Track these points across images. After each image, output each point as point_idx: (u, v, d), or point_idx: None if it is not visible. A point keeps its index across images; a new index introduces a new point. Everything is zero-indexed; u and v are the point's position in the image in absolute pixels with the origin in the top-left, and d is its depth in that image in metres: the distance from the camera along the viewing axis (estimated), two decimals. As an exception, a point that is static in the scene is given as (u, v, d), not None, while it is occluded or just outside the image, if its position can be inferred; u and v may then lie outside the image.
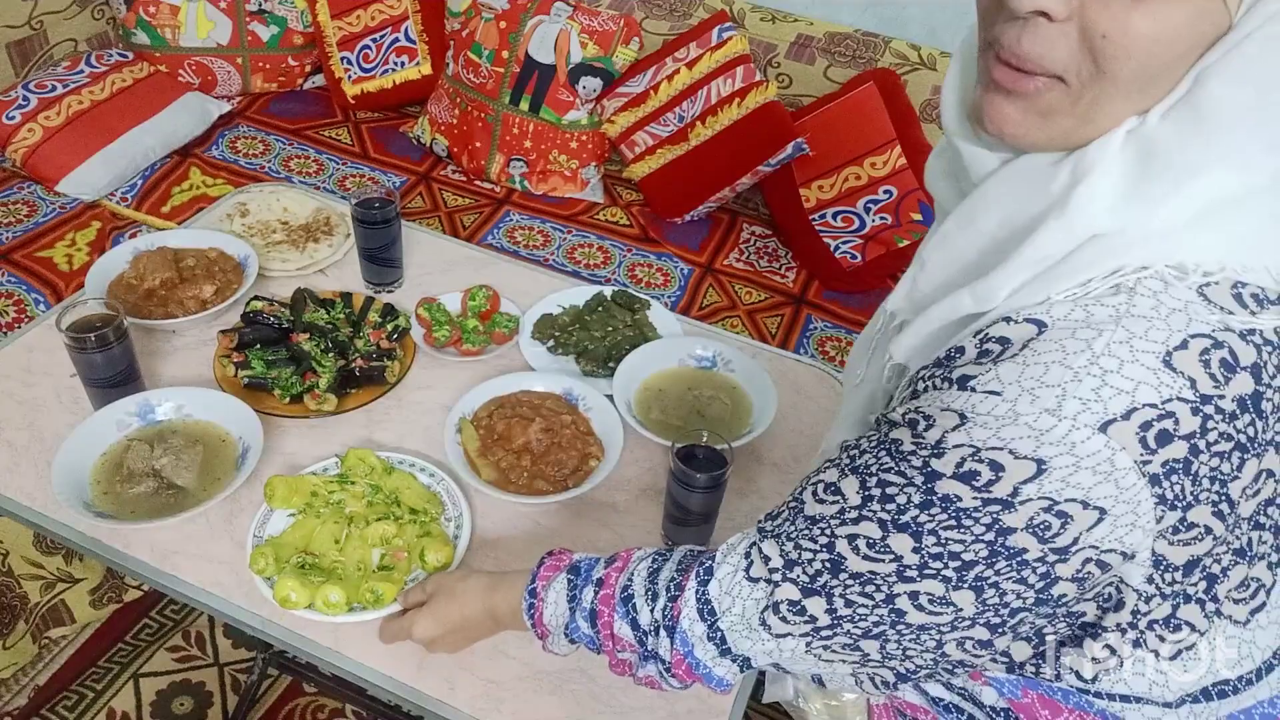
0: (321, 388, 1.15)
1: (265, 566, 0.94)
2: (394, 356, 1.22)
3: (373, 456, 1.06)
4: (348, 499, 1.02)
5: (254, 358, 1.18)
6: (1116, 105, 0.55)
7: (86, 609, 1.71)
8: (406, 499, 1.03)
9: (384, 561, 0.97)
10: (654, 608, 0.72)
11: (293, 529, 0.99)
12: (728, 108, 2.02)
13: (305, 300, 1.27)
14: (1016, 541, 0.55)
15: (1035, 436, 0.53)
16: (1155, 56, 0.52)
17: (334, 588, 0.92)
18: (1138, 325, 0.53)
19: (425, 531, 1.00)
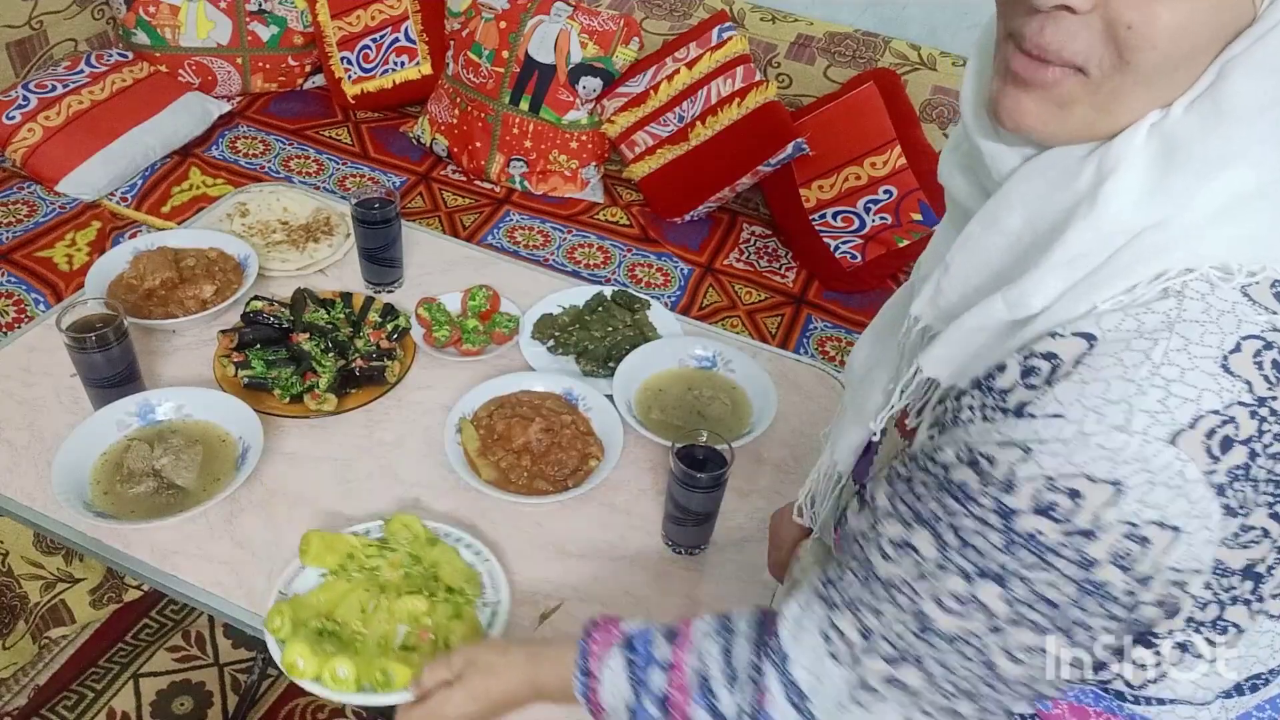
0: (321, 388, 1.15)
1: (280, 627, 0.88)
2: (394, 356, 1.22)
3: (418, 524, 0.99)
4: (384, 566, 0.95)
5: (254, 358, 1.17)
6: (1137, 97, 0.54)
7: (86, 609, 1.71)
8: (445, 575, 0.95)
9: (408, 640, 0.90)
10: (735, 694, 0.66)
11: (321, 589, 0.93)
12: (728, 108, 2.02)
13: (305, 300, 1.27)
14: (1101, 575, 0.53)
15: (1109, 456, 0.51)
16: (1178, 47, 0.51)
17: (345, 662, 0.85)
18: (1192, 331, 0.52)
19: (457, 613, 0.92)
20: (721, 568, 1.04)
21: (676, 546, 1.05)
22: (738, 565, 1.04)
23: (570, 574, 1.01)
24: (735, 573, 1.04)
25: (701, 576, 1.03)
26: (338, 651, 0.87)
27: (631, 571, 1.03)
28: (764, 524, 1.09)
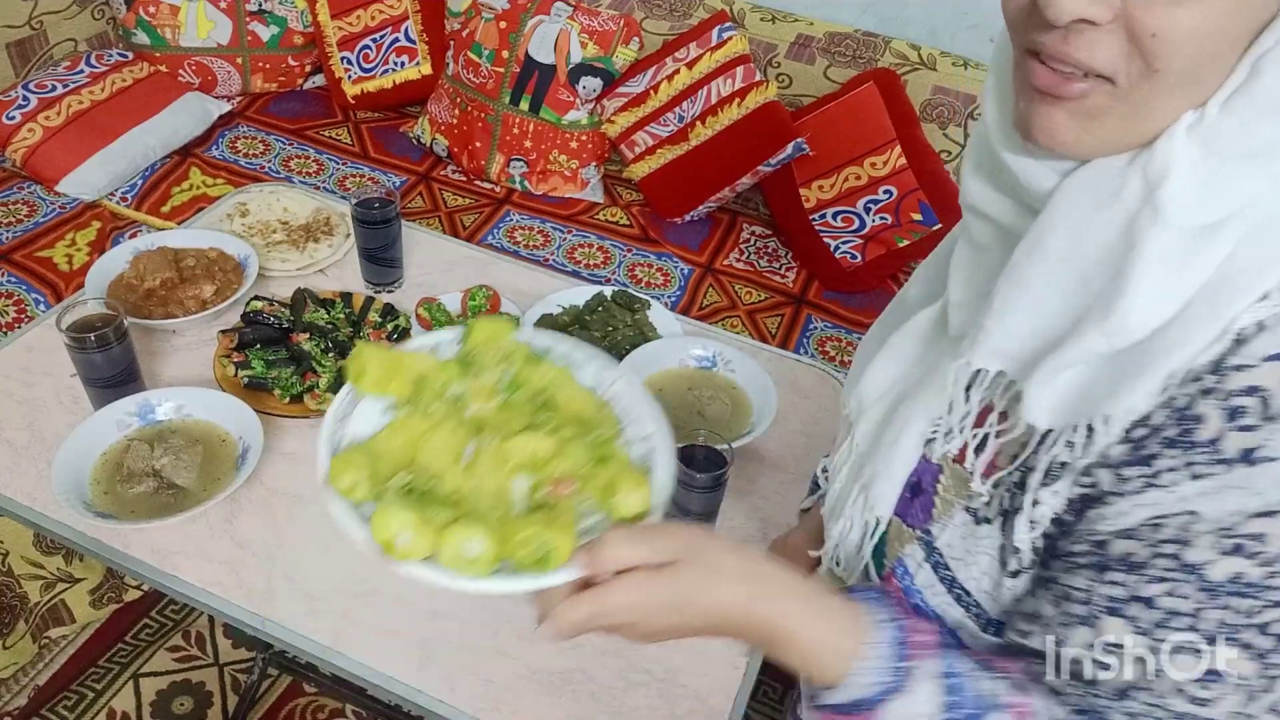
0: (322, 388, 1.15)
1: (355, 485, 0.59)
2: None
3: (509, 334, 0.71)
4: (471, 394, 0.67)
5: (254, 358, 1.18)
6: (1168, 102, 0.52)
7: (86, 609, 1.71)
8: (564, 404, 0.68)
9: (538, 498, 0.62)
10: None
11: (391, 430, 0.65)
12: (728, 108, 2.02)
13: (305, 300, 1.27)
14: None
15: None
16: (1204, 49, 0.50)
17: (474, 530, 0.57)
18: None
19: (602, 454, 0.64)
20: (721, 568, 1.04)
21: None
22: (738, 565, 1.04)
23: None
24: (735, 573, 1.03)
25: (701, 576, 1.03)
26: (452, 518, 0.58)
27: (631, 571, 1.02)
28: (764, 524, 1.09)
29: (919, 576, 0.67)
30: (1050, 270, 0.57)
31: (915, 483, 0.69)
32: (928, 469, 0.68)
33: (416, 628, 0.94)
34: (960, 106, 2.02)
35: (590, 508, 0.62)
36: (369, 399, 0.67)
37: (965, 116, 2.02)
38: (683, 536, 0.58)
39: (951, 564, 0.65)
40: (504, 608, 0.96)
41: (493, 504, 0.61)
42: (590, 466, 0.63)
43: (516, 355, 0.70)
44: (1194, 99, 0.52)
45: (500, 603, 0.96)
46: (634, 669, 0.92)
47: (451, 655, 0.92)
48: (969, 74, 2.00)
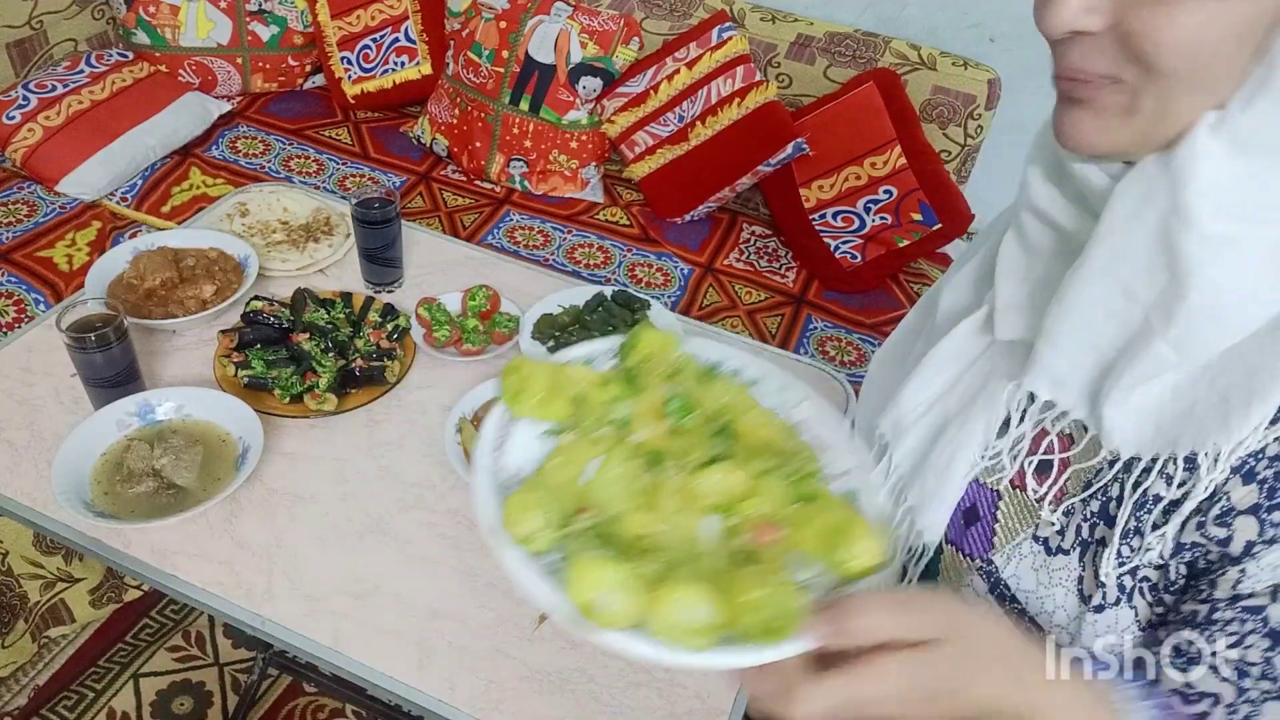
0: (322, 388, 1.15)
1: (535, 532, 0.49)
2: (394, 356, 1.22)
3: (676, 345, 0.62)
4: (639, 416, 0.57)
5: (254, 357, 1.18)
6: (1185, 100, 0.51)
7: (86, 609, 1.71)
8: (748, 431, 0.57)
9: (737, 547, 0.52)
10: None
11: (560, 461, 0.55)
12: (728, 108, 2.02)
13: (305, 300, 1.27)
14: None
15: None
16: (1204, 50, 0.49)
17: (695, 592, 0.46)
18: None
19: (805, 492, 0.54)
20: (721, 568, 1.04)
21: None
22: (738, 565, 1.04)
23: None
24: (735, 573, 1.03)
25: (701, 576, 1.03)
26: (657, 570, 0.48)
27: (631, 571, 1.02)
28: (764, 524, 1.09)
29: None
30: (1094, 283, 0.55)
31: (970, 508, 0.65)
32: (983, 495, 0.65)
33: (416, 628, 0.94)
34: (960, 106, 2.02)
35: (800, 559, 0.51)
36: (525, 422, 0.56)
37: (965, 116, 2.02)
38: (942, 608, 0.49)
39: (1021, 596, 0.61)
40: (504, 608, 0.96)
41: (687, 553, 0.50)
42: (795, 508, 0.53)
43: (686, 371, 0.61)
44: (1214, 97, 0.50)
45: (500, 603, 0.96)
46: (634, 669, 0.92)
47: (451, 655, 0.91)
48: (969, 74, 2.00)
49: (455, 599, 0.96)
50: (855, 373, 1.78)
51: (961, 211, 1.94)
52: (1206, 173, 0.50)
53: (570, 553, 0.48)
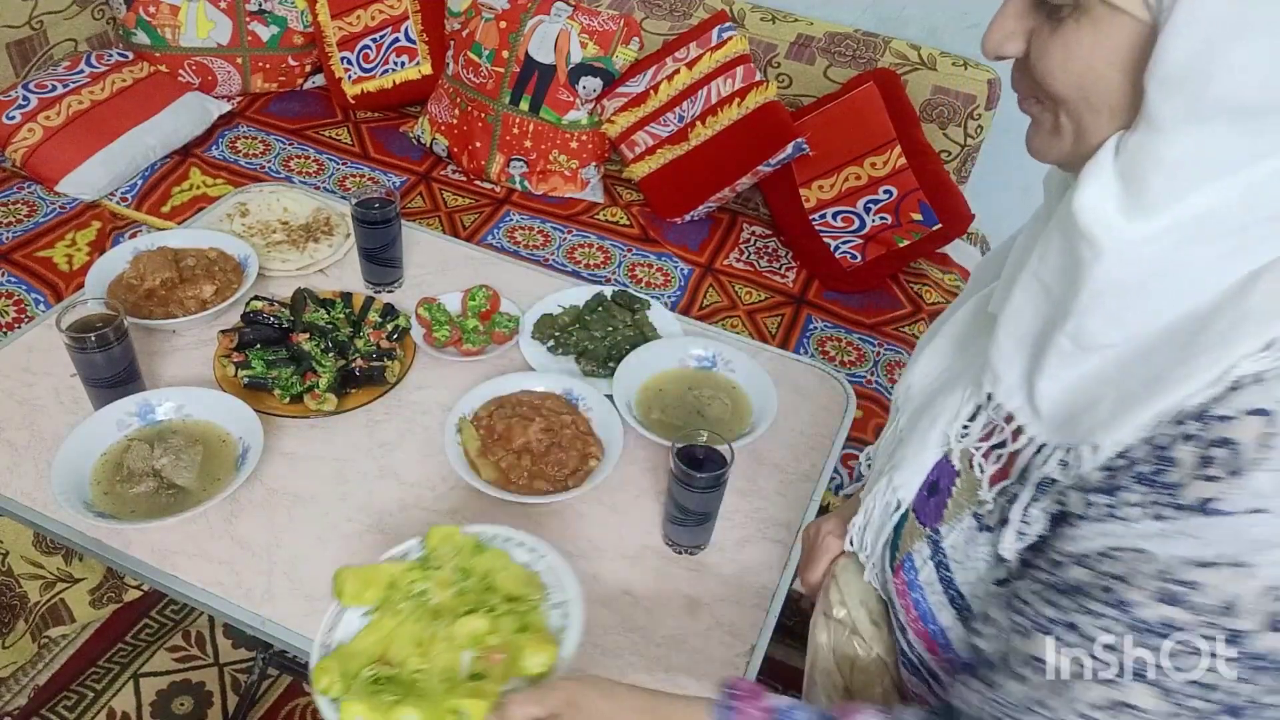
0: (322, 388, 1.15)
1: (330, 685, 0.75)
2: (394, 356, 1.22)
3: (458, 534, 0.87)
4: (433, 588, 0.83)
5: (254, 358, 1.18)
6: (1092, 122, 0.55)
7: (86, 609, 1.71)
8: (501, 583, 0.83)
9: (475, 667, 0.77)
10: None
11: (366, 632, 0.80)
12: (728, 108, 2.02)
13: (305, 300, 1.27)
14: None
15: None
16: (1089, 78, 0.53)
17: (411, 710, 0.72)
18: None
19: (523, 624, 0.80)
20: (721, 568, 1.04)
21: (676, 546, 1.05)
22: (738, 565, 1.04)
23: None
24: (735, 573, 1.04)
25: (701, 576, 1.03)
26: (399, 698, 0.74)
27: (631, 571, 1.03)
28: (764, 524, 1.09)
29: (923, 573, 0.70)
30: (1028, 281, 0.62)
31: (934, 482, 0.71)
32: (947, 470, 0.70)
33: (416, 628, 0.94)
34: (960, 106, 2.02)
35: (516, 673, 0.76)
36: (352, 609, 0.82)
37: (965, 116, 2.02)
38: (564, 691, 0.70)
39: (952, 565, 0.67)
40: (504, 608, 0.96)
41: (445, 677, 0.76)
42: (514, 635, 0.78)
43: (466, 548, 0.86)
44: (1117, 120, 0.54)
45: (500, 603, 0.97)
46: (633, 669, 0.93)
47: (451, 655, 0.91)
48: (969, 74, 2.00)
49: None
50: (855, 373, 1.78)
51: (961, 211, 1.94)
52: (1094, 189, 0.54)
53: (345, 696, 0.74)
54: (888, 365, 1.81)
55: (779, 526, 1.09)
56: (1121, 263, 0.54)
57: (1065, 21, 0.53)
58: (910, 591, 0.71)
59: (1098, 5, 0.52)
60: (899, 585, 0.72)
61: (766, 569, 1.04)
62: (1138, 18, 0.50)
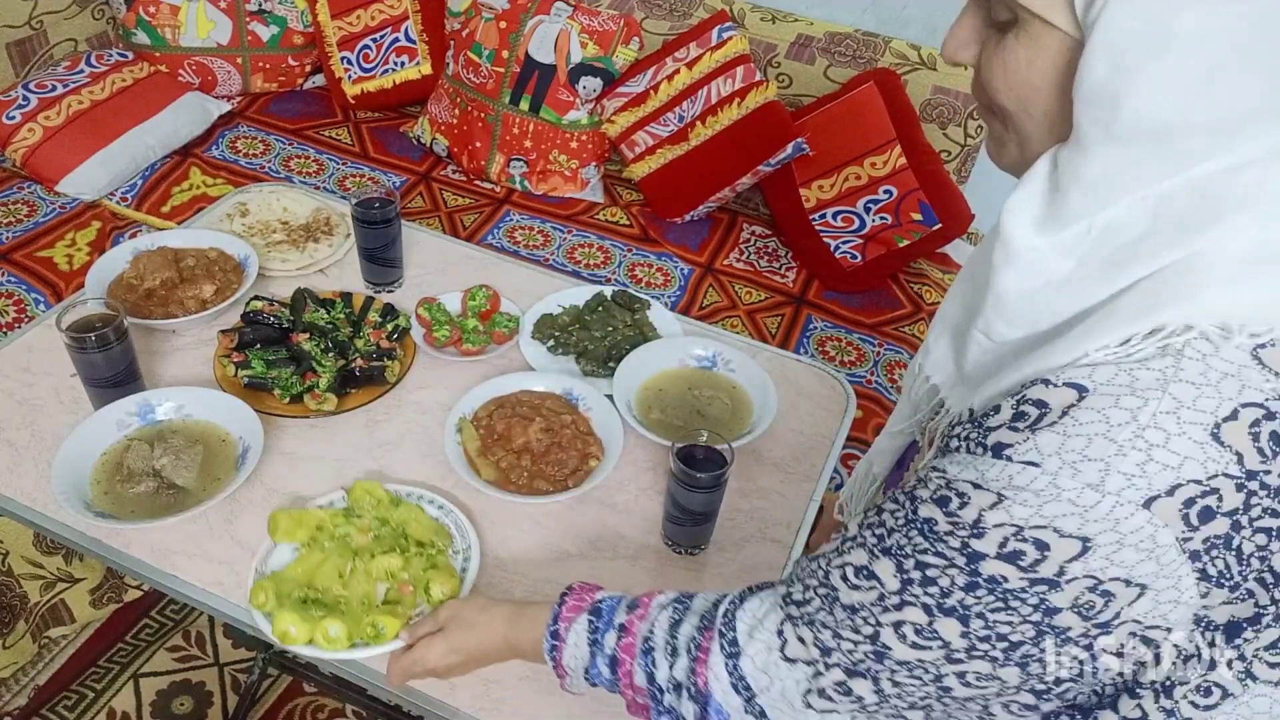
0: (321, 388, 1.15)
1: (265, 601, 0.91)
2: (394, 356, 1.22)
3: (380, 489, 1.03)
4: (353, 533, 0.99)
5: (254, 358, 1.17)
6: (1033, 134, 0.59)
7: (86, 609, 1.71)
8: (414, 532, 1.00)
9: (389, 596, 0.94)
10: (673, 665, 0.71)
11: (296, 563, 0.96)
12: (728, 108, 2.02)
13: (305, 300, 1.27)
14: (1062, 621, 0.54)
15: (1079, 514, 0.51)
16: (1025, 93, 0.57)
17: (335, 622, 0.89)
18: (1186, 393, 0.51)
19: (432, 564, 0.97)
20: (721, 568, 1.04)
21: (676, 546, 1.05)
22: (738, 565, 1.04)
23: (570, 574, 1.01)
24: (735, 573, 1.04)
25: (701, 576, 1.03)
26: (325, 615, 0.90)
27: (631, 571, 1.03)
28: (764, 524, 1.09)
29: None
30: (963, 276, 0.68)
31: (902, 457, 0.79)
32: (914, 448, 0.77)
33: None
34: (960, 106, 2.02)
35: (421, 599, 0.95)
36: (283, 544, 0.99)
37: (965, 116, 2.02)
38: (450, 608, 0.88)
39: None
40: (504, 608, 0.96)
41: (361, 603, 0.93)
42: (423, 572, 0.96)
43: (385, 501, 1.03)
44: (1055, 134, 0.57)
45: (500, 603, 0.97)
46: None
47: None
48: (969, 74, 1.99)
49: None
50: (855, 373, 1.78)
51: (961, 211, 1.94)
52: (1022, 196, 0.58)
53: (278, 610, 0.90)
54: (888, 365, 1.81)
55: (779, 526, 1.09)
56: (1025, 272, 0.59)
57: (1008, 36, 0.56)
58: None
59: (1035, 21, 0.54)
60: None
61: (766, 569, 1.04)
62: (1069, 34, 0.53)
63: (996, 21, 0.57)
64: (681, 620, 0.73)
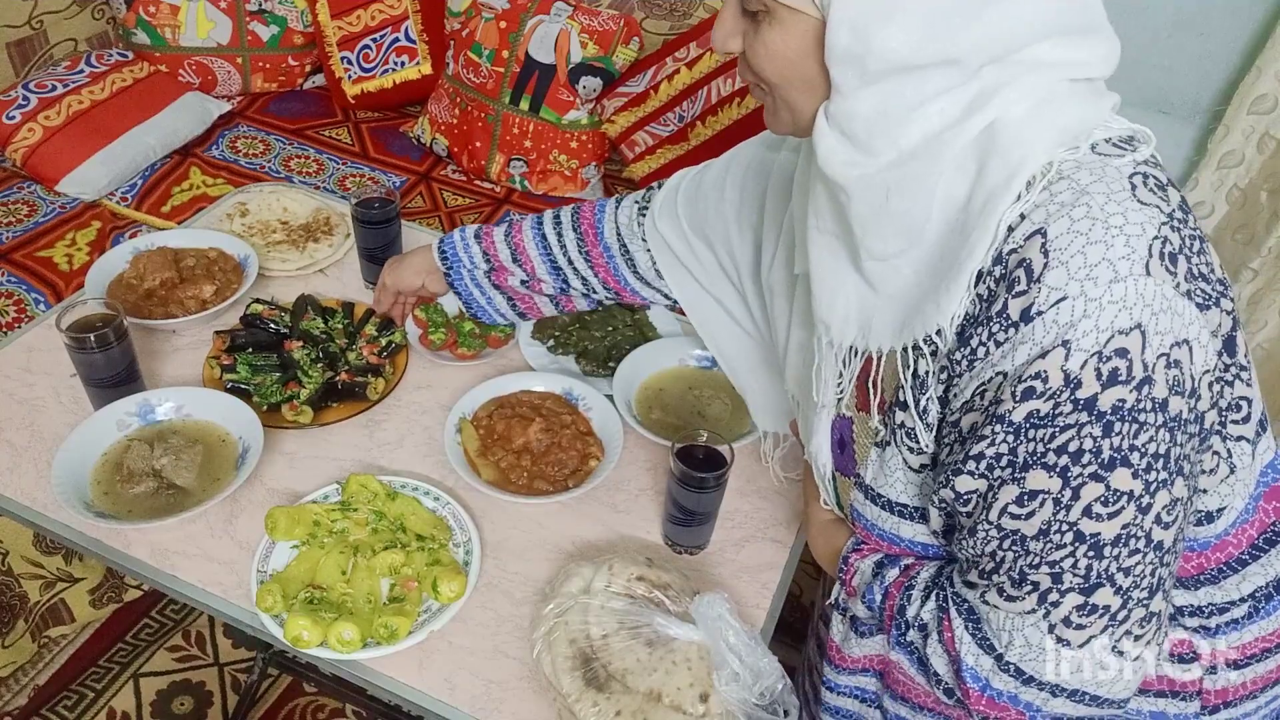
0: (301, 399, 1.14)
1: (274, 604, 0.90)
2: (380, 373, 1.20)
3: (375, 482, 1.02)
4: (351, 527, 0.99)
5: (241, 362, 1.17)
6: (798, 99, 0.69)
7: (86, 609, 1.71)
8: (412, 525, 1.00)
9: (394, 593, 0.94)
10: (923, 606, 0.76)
11: (297, 561, 0.96)
12: (728, 107, 2.02)
13: (306, 307, 1.27)
14: (1174, 408, 0.60)
15: (1121, 305, 0.58)
16: (785, 65, 0.67)
17: (347, 624, 0.88)
18: (1097, 187, 0.61)
19: (435, 559, 0.97)
20: (721, 568, 1.04)
21: (676, 546, 1.05)
22: (738, 565, 1.04)
23: (570, 574, 1.01)
24: (735, 573, 1.04)
25: (701, 576, 1.03)
26: (336, 616, 0.90)
27: (631, 571, 1.02)
28: (764, 524, 1.09)
29: (867, 513, 0.81)
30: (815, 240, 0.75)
31: (840, 439, 0.83)
32: (844, 424, 0.81)
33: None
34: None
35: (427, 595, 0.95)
36: (282, 543, 0.98)
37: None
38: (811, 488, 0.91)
39: (881, 490, 0.78)
40: (504, 608, 0.96)
41: (366, 600, 0.93)
42: (427, 568, 0.96)
43: (381, 494, 1.02)
44: (817, 94, 0.68)
45: (500, 603, 0.97)
46: (634, 669, 0.92)
47: (451, 655, 0.92)
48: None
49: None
50: (855, 373, 1.77)
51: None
52: (824, 149, 0.68)
53: (289, 613, 0.90)
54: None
55: (779, 526, 1.09)
56: (864, 195, 0.67)
57: (762, 23, 0.67)
58: (871, 533, 0.82)
59: (781, 9, 0.65)
60: (861, 533, 0.84)
61: (766, 569, 1.04)
62: (811, 15, 0.64)
63: (749, 12, 0.68)
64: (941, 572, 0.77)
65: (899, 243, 0.68)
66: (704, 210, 1.03)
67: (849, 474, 0.82)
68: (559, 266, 1.15)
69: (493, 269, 1.17)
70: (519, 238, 1.16)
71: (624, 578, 0.91)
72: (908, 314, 0.70)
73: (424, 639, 0.91)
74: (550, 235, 1.15)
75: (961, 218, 0.65)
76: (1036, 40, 0.62)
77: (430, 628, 0.91)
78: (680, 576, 0.95)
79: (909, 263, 0.69)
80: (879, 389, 0.75)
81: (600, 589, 0.91)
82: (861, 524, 0.82)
